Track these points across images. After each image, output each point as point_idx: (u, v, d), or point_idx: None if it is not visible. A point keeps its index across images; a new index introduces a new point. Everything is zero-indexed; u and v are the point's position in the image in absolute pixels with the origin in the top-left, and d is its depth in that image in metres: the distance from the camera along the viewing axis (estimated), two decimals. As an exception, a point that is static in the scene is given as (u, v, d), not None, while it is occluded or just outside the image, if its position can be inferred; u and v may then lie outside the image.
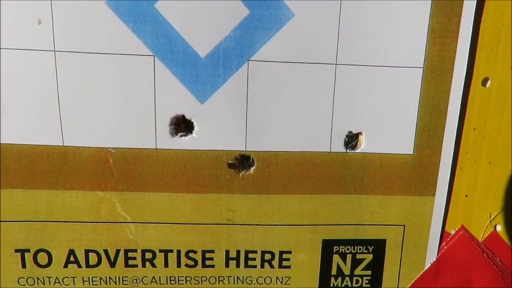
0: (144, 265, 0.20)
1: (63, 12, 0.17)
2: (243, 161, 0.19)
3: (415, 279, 0.21)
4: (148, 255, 0.20)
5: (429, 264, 0.21)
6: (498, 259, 0.21)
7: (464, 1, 0.18)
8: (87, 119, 0.18)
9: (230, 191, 0.19)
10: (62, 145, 0.18)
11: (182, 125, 0.18)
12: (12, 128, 0.18)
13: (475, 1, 0.18)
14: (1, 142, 0.18)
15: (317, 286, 0.21)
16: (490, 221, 0.21)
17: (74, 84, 0.17)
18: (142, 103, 0.18)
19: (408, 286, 0.21)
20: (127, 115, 0.18)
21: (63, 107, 0.18)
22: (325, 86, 0.18)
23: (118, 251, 0.19)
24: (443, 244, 0.21)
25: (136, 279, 0.20)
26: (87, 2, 0.17)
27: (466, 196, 0.21)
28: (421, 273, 0.21)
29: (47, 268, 0.19)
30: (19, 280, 0.19)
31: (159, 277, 0.20)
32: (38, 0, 0.16)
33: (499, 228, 0.21)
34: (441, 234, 0.21)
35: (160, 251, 0.20)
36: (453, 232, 0.21)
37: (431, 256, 0.21)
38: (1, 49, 0.17)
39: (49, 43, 0.17)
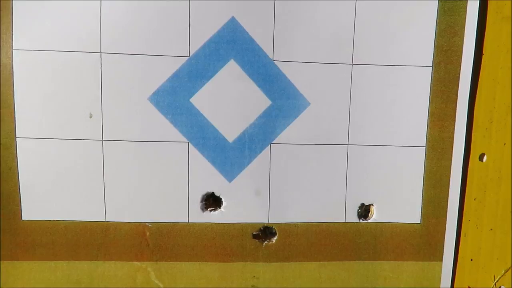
0: (175, 331, 0.21)
1: (111, 106, 0.19)
2: (266, 232, 0.21)
3: None
4: (179, 321, 0.22)
5: (441, 326, 0.23)
6: (505, 319, 0.23)
7: (459, 89, 0.21)
8: (128, 197, 0.20)
9: (255, 259, 0.21)
10: (104, 220, 0.20)
11: (211, 201, 0.21)
12: (61, 206, 0.20)
13: (469, 89, 0.21)
14: (51, 219, 0.20)
15: None
16: (495, 283, 0.23)
17: (118, 168, 0.20)
18: (177, 183, 0.20)
19: None
20: (164, 193, 0.20)
21: (108, 187, 0.20)
22: (338, 164, 0.21)
23: (151, 317, 0.21)
24: (453, 305, 0.23)
25: None
26: (132, 98, 0.19)
27: (471, 260, 0.23)
28: (433, 334, 0.23)
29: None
30: None
31: None
32: (90, 96, 0.19)
33: (504, 289, 0.23)
34: (450, 297, 0.23)
35: (191, 317, 0.21)
36: (461, 294, 0.23)
37: (442, 317, 0.23)
38: (58, 139, 0.19)
39: (98, 134, 0.20)
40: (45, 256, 0.20)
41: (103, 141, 0.20)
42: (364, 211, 0.22)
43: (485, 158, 0.22)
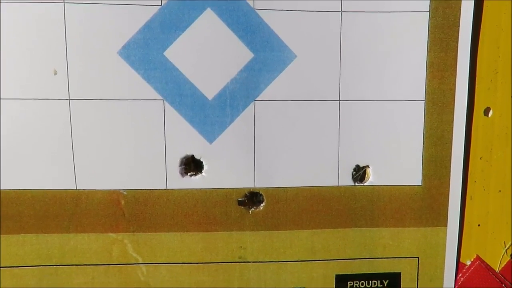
0: (156, 308, 0.20)
1: (77, 62, 0.18)
2: (252, 198, 0.20)
3: (433, 313, 0.21)
4: (160, 297, 0.20)
5: (447, 297, 0.21)
6: (517, 289, 0.22)
7: (460, 36, 0.19)
8: (99, 163, 0.19)
9: (241, 228, 0.20)
10: (75, 188, 0.19)
11: (191, 165, 0.19)
12: (26, 174, 0.19)
13: (470, 35, 0.19)
14: (16, 188, 0.19)
15: (333, 324, 0.21)
16: (506, 250, 0.21)
17: (88, 130, 0.19)
18: (152, 145, 0.19)
19: (427, 322, 0.21)
20: (138, 157, 0.19)
21: (77, 152, 0.19)
22: (330, 122, 0.20)
23: (130, 294, 0.20)
24: (460, 275, 0.21)
25: (148, 323, 0.20)
26: (100, 53, 0.18)
27: (479, 225, 0.21)
28: (439, 307, 0.21)
29: (59, 314, 0.20)
30: (31, 327, 0.20)
31: (172, 319, 0.20)
32: (54, 51, 0.18)
33: (516, 257, 0.22)
34: (456, 265, 0.21)
35: (172, 292, 0.20)
36: (468, 262, 0.21)
37: (448, 288, 0.21)
38: (19, 99, 0.18)
39: (64, 92, 0.18)
40: (11, 229, 0.19)
41: (70, 100, 0.18)
42: (360, 173, 0.20)
43: (490, 113, 0.20)
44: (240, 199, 0.20)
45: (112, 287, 0.20)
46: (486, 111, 0.20)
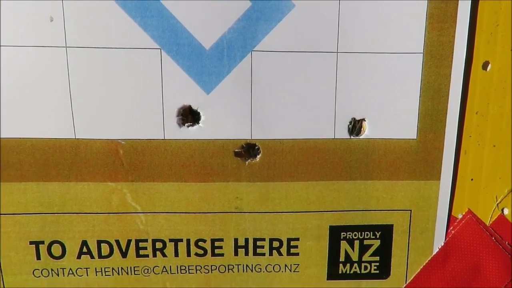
0: (154, 255, 0.21)
1: (74, 9, 0.18)
2: (249, 149, 0.20)
3: (424, 264, 0.22)
4: (159, 245, 0.21)
5: (437, 249, 0.22)
6: (506, 242, 0.22)
7: (461, -14, 0.19)
8: (97, 112, 0.19)
9: (237, 179, 0.21)
10: (74, 137, 0.20)
11: (189, 116, 0.20)
12: (25, 123, 0.19)
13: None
14: (16, 136, 0.19)
15: (326, 273, 0.22)
16: (497, 204, 0.22)
17: (85, 79, 0.19)
18: (150, 95, 0.19)
19: (417, 272, 0.22)
20: (135, 107, 0.19)
21: (75, 101, 0.19)
22: (327, 74, 0.20)
23: (129, 242, 0.21)
24: (451, 228, 0.22)
25: (147, 269, 0.21)
26: (97, 0, 0.18)
27: (472, 180, 0.22)
28: (430, 258, 0.22)
29: (61, 260, 0.21)
30: (34, 272, 0.21)
31: (170, 266, 0.21)
32: (50, -1, 0.18)
33: (507, 211, 0.22)
34: (448, 219, 0.22)
35: (170, 240, 0.21)
36: (460, 216, 0.22)
37: (439, 240, 0.22)
38: (15, 47, 0.19)
39: (61, 40, 0.19)
40: (13, 177, 0.20)
41: (67, 48, 0.19)
42: (355, 126, 0.21)
43: (489, 67, 0.21)
44: (236, 150, 0.20)
45: (112, 235, 0.21)
46: (485, 65, 0.21)
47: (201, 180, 0.20)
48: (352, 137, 0.21)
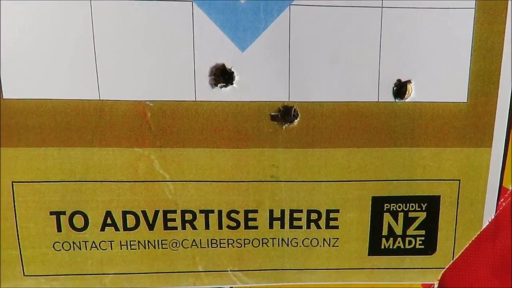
0: (184, 227, 0.20)
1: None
2: (286, 113, 0.19)
3: (473, 239, 0.21)
4: (188, 216, 0.20)
5: (487, 222, 0.21)
6: (561, 217, 0.21)
7: None
8: (124, 71, 0.18)
9: (273, 145, 0.19)
10: (98, 99, 0.18)
11: (222, 76, 0.19)
12: (46, 83, 0.18)
13: None
14: (35, 97, 0.18)
15: (367, 248, 0.20)
16: (552, 174, 0.21)
17: (110, 34, 0.18)
18: (180, 53, 0.18)
19: (465, 247, 0.21)
20: (164, 65, 0.18)
21: (99, 58, 0.18)
22: (371, 31, 0.18)
23: (156, 213, 0.20)
24: (501, 200, 0.21)
25: (176, 243, 0.20)
26: None
27: (525, 147, 0.20)
28: (479, 232, 0.21)
29: (83, 232, 0.20)
30: (55, 245, 0.20)
31: (200, 240, 0.20)
32: None
33: (562, 183, 0.21)
34: (499, 190, 0.21)
35: (201, 211, 0.20)
36: (511, 187, 0.21)
37: (489, 213, 0.21)
38: (37, 0, 0.17)
39: (86, -9, 0.18)
40: (32, 142, 0.18)
41: (91, 1, 0.18)
42: (401, 89, 0.20)
43: (546, 23, 0.19)
44: (273, 113, 0.19)
45: (139, 205, 0.20)
46: (542, 22, 0.19)
47: (234, 146, 0.19)
48: (397, 100, 0.19)
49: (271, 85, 0.19)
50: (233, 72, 0.18)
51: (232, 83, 0.19)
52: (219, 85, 0.19)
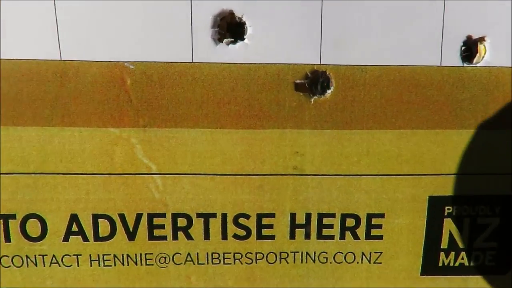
0: (176, 237, 0.15)
1: None
2: (316, 80, 0.14)
3: (562, 254, 0.16)
4: (182, 222, 0.15)
5: None
6: None
7: None
8: (93, 22, 0.13)
9: (298, 125, 0.14)
10: (59, 59, 0.14)
11: (229, 28, 0.14)
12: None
13: None
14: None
15: (420, 265, 0.16)
16: None
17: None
18: (172, -4, 0.14)
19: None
20: (149, 14, 0.13)
21: (60, 4, 0.14)
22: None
23: (139, 217, 0.15)
24: None
25: (165, 257, 0.15)
26: None
27: None
28: None
29: (40, 242, 0.15)
30: (2, 260, 0.15)
31: (197, 253, 0.15)
32: None
33: None
34: None
35: (198, 215, 0.15)
36: None
37: None
38: None
39: None
40: (-31, 119, 0.15)
41: None
42: (471, 49, 0.15)
43: None
44: (298, 81, 0.14)
45: (115, 207, 0.15)
46: None
47: (245, 126, 0.14)
48: (466, 64, 0.15)
49: (296, 41, 0.14)
50: (244, 23, 0.14)
51: (243, 39, 0.14)
52: (224, 40, 0.14)
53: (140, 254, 0.15)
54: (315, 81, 0.14)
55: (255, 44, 0.14)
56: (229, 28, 0.14)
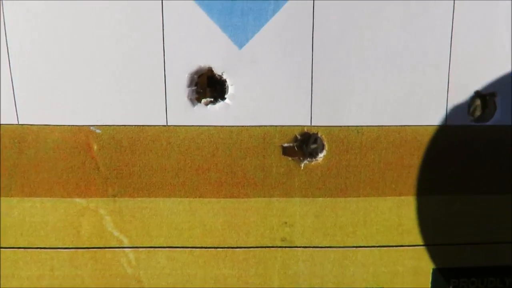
0: (150, 316, 0.14)
1: None
2: (306, 143, 0.13)
3: None
4: (157, 300, 0.14)
5: None
6: None
7: None
8: (54, 82, 0.12)
9: (286, 193, 0.13)
10: (16, 123, 0.13)
11: (209, 86, 0.13)
12: None
13: None
14: None
15: None
16: None
17: (33, 30, 0.12)
18: (142, 52, 0.12)
19: None
20: (117, 73, 0.12)
21: (15, 64, 0.12)
22: (439, 21, 0.13)
23: (109, 294, 0.14)
24: None
25: None
26: None
27: None
28: None
29: (-2, 324, 0.14)
30: None
31: (175, 335, 0.14)
32: None
33: None
34: None
35: (176, 292, 0.14)
36: None
37: None
38: None
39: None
40: None
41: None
42: (480, 106, 0.14)
43: None
44: (286, 144, 0.13)
45: (83, 283, 0.13)
46: None
47: (226, 195, 0.13)
48: (473, 123, 0.14)
49: (283, 100, 0.13)
50: (225, 81, 0.13)
51: (223, 98, 0.13)
52: (203, 100, 0.13)
53: (111, 336, 0.14)
54: (305, 143, 0.13)
55: (237, 104, 0.12)
56: (209, 86, 0.13)
